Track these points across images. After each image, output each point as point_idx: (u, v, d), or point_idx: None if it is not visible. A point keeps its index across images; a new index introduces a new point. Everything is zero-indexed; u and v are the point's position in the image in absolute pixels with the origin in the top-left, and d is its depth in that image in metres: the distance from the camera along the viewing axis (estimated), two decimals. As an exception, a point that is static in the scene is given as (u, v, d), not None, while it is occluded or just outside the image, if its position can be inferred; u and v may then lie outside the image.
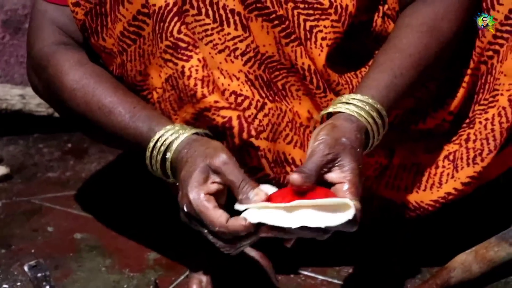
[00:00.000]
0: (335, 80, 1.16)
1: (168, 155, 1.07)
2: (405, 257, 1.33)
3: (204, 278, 1.23)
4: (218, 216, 0.98)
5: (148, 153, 1.09)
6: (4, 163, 1.65)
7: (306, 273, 1.30)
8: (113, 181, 1.61)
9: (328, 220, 0.96)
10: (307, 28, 1.13)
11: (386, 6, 1.18)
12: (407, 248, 1.34)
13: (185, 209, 1.01)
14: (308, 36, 1.13)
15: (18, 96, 1.74)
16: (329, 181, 1.01)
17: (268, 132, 1.12)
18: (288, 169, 1.15)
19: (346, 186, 0.99)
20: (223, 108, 1.09)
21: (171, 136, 1.07)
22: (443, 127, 1.21)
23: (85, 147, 1.74)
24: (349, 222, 0.97)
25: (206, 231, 1.01)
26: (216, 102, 1.09)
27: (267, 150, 1.12)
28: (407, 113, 1.20)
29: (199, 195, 1.00)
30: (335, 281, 1.28)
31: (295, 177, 0.98)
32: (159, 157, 1.08)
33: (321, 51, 1.13)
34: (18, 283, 1.27)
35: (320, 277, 1.30)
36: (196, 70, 1.09)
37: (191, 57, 1.09)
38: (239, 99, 1.12)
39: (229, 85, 1.11)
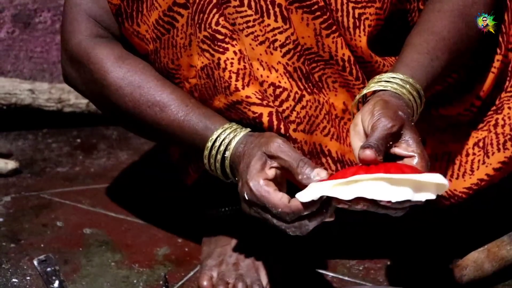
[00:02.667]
0: (380, 62, 1.17)
1: (227, 154, 1.10)
2: (417, 255, 1.33)
3: (215, 274, 1.24)
4: (279, 197, 1.01)
5: (206, 152, 1.11)
6: (13, 157, 1.65)
7: (315, 269, 1.30)
8: (123, 176, 1.60)
9: (408, 194, 0.94)
10: (356, 15, 1.14)
11: None
12: (418, 245, 1.35)
13: (246, 197, 1.03)
14: (357, 24, 1.14)
15: (28, 90, 1.75)
16: (397, 155, 1.01)
17: (305, 124, 1.14)
18: (323, 160, 1.16)
19: (416, 160, 0.99)
20: (254, 104, 1.11)
21: (229, 135, 1.10)
22: (471, 113, 1.22)
23: (94, 142, 1.74)
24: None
25: (269, 216, 1.02)
26: (247, 97, 1.11)
27: (303, 142, 1.14)
28: (435, 95, 1.21)
29: (258, 181, 1.02)
30: (346, 278, 1.29)
31: (368, 152, 0.97)
32: (219, 156, 1.10)
33: (366, 36, 1.16)
34: (28, 278, 1.27)
35: (331, 274, 1.30)
36: (231, 63, 1.11)
37: (227, 49, 1.11)
38: (278, 91, 1.13)
39: (268, 76, 1.13)
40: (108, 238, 1.38)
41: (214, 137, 1.11)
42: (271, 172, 1.04)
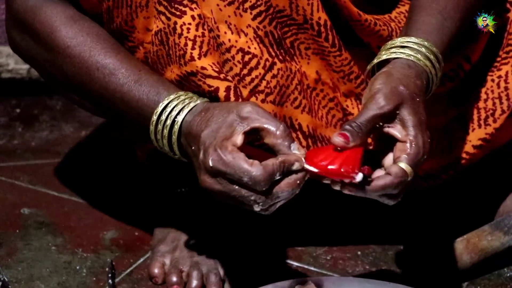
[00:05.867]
0: (371, 20, 1.17)
1: (179, 118, 1.06)
2: (390, 244, 1.33)
3: (168, 261, 1.23)
4: (251, 162, 0.99)
5: (154, 117, 1.08)
6: None
7: (278, 258, 1.30)
8: (67, 151, 1.59)
9: None
10: None
11: None
12: (392, 233, 1.36)
13: (211, 164, 1.00)
14: None
15: (-39, 54, 1.74)
16: (391, 135, 1.02)
17: (275, 95, 1.13)
18: (294, 135, 1.15)
19: (407, 147, 1.00)
20: (210, 76, 1.10)
21: (184, 101, 1.07)
22: (457, 76, 1.21)
23: (35, 113, 1.72)
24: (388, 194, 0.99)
25: (236, 187, 1.00)
26: (203, 68, 1.10)
27: (273, 114, 1.12)
28: None
29: (227, 147, 1.00)
30: (312, 268, 1.28)
31: (336, 140, 0.99)
32: (168, 121, 1.07)
33: None
34: (-44, 262, 1.27)
35: (295, 263, 1.30)
36: (188, 29, 1.09)
37: (185, 13, 1.09)
38: (247, 58, 1.12)
39: (236, 41, 1.12)
40: (48, 219, 1.37)
41: (166, 101, 1.08)
42: (240, 139, 1.01)
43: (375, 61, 1.08)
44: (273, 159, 0.99)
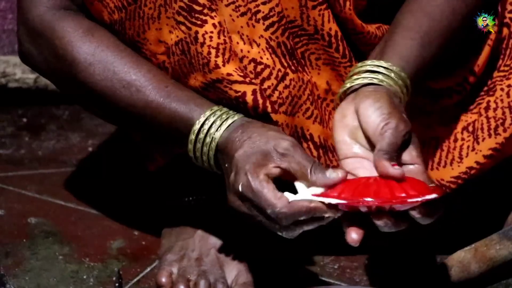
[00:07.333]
0: (373, 32, 1.18)
1: (217, 135, 1.08)
2: (397, 253, 1.33)
3: (175, 270, 1.23)
4: (279, 196, 1.00)
5: (193, 136, 1.09)
6: (-50, 137, 1.65)
7: (285, 266, 1.30)
8: (74, 160, 1.60)
9: None
10: None
11: None
12: (399, 242, 1.34)
13: (240, 189, 1.02)
14: None
15: (-32, 63, 1.75)
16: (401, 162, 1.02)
17: (287, 105, 1.14)
18: (305, 145, 1.16)
19: (420, 168, 1.01)
20: (236, 82, 1.11)
21: (222, 116, 1.09)
22: (464, 90, 1.22)
23: (42, 122, 1.73)
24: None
25: (261, 216, 1.01)
26: (229, 75, 1.11)
27: (285, 125, 1.14)
28: None
29: (258, 174, 1.01)
30: (319, 277, 1.28)
31: (399, 171, 0.98)
32: (208, 139, 1.08)
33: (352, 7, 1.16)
34: (-36, 271, 1.27)
35: (302, 272, 1.29)
36: (211, 37, 1.11)
37: (205, 21, 1.11)
38: (259, 68, 1.13)
39: (248, 51, 1.13)
40: (55, 228, 1.37)
41: (202, 119, 1.09)
42: (274, 170, 1.02)
43: (348, 85, 1.07)
44: (306, 201, 0.99)
